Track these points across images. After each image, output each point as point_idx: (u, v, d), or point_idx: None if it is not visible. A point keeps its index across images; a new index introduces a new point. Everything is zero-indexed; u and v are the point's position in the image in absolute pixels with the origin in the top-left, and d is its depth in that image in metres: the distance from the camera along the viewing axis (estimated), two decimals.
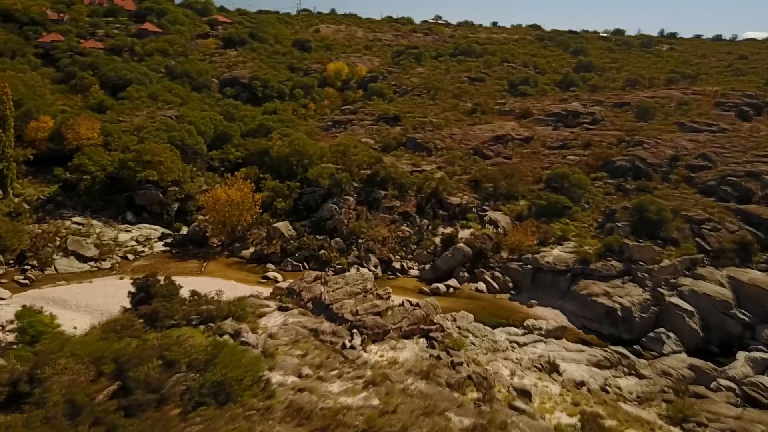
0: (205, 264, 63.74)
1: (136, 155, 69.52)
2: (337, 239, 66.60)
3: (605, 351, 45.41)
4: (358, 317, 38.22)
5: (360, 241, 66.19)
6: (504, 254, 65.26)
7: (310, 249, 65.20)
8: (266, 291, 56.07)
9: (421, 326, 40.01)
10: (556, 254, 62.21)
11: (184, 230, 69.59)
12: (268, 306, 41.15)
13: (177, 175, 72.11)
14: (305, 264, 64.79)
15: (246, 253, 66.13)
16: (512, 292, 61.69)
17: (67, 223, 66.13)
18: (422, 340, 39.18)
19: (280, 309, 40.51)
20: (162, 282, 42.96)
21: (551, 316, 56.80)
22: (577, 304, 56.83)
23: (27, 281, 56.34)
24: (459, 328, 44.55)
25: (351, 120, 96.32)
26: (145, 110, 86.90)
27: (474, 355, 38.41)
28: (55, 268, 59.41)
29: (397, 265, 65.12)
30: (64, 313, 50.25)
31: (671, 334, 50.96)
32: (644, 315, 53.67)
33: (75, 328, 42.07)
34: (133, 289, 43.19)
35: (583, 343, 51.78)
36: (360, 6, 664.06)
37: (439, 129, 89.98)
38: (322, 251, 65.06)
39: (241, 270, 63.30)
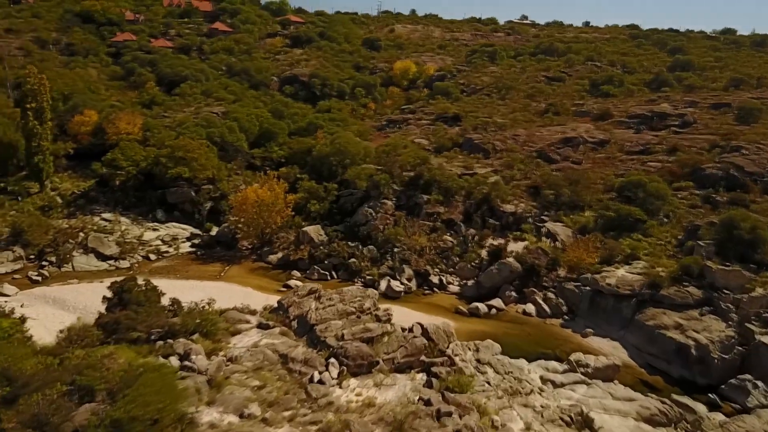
0: (227, 268, 59.31)
1: (169, 151, 66.44)
2: (371, 247, 60.14)
3: (663, 402, 35.88)
4: (341, 343, 31.57)
5: (395, 250, 59.35)
6: (560, 272, 56.26)
7: (340, 256, 59.17)
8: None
9: (422, 358, 32.69)
10: (620, 275, 52.45)
11: (215, 231, 65.58)
12: (248, 322, 35.35)
13: (212, 173, 68.46)
14: (333, 273, 58.87)
15: (273, 258, 61.12)
16: (566, 317, 52.62)
17: (96, 219, 63.96)
18: (420, 376, 31.95)
19: (260, 327, 34.64)
20: (141, 287, 38.33)
21: (608, 349, 47.40)
22: (641, 337, 47.08)
23: (39, 278, 54.09)
24: (479, 361, 36.68)
25: (407, 119, 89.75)
26: (195, 106, 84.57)
27: (482, 400, 30.57)
28: (72, 265, 56.97)
29: (435, 279, 57.67)
30: (58, 314, 47.16)
31: (760, 383, 40.35)
32: (726, 356, 43.19)
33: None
34: (109, 294, 39.00)
35: (645, 385, 42.41)
36: (446, 8, 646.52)
37: (502, 130, 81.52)
38: (353, 259, 58.85)
39: (263, 276, 58.31)
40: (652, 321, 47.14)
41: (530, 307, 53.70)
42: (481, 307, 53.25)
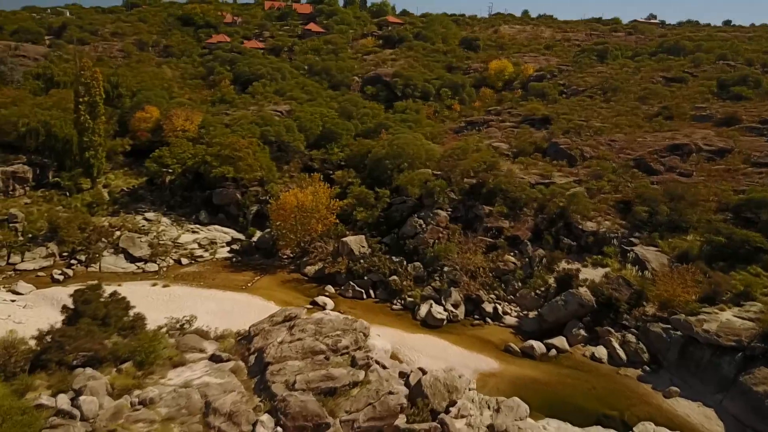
0: (257, 278, 53.67)
1: (216, 149, 62.35)
2: (416, 264, 51.87)
3: None
4: (286, 394, 23.87)
5: (444, 269, 50.60)
6: (646, 310, 44.73)
7: (381, 272, 51.47)
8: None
9: (397, 423, 24.19)
10: (725, 320, 40.19)
11: (257, 237, 60.37)
12: (201, 351, 28.71)
13: (261, 174, 63.48)
14: (371, 291, 51.32)
15: (310, 269, 54.71)
16: (646, 368, 41.23)
17: (138, 218, 61.13)
18: None
19: (213, 359, 27.86)
20: (105, 298, 33.10)
21: (697, 418, 35.92)
22: (745, 406, 35.16)
23: (61, 276, 51.36)
24: (492, 428, 27.36)
25: (489, 121, 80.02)
26: (260, 105, 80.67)
27: None
28: (99, 265, 53.94)
29: (488, 307, 48.23)
30: (54, 317, 43.73)
31: None
32: None
33: None
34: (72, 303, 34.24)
35: None
36: (568, 9, 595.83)
37: (597, 134, 69.63)
38: (394, 277, 50.94)
39: (294, 289, 51.99)
40: (763, 386, 34.94)
41: (601, 351, 42.88)
42: (538, 346, 43.21)
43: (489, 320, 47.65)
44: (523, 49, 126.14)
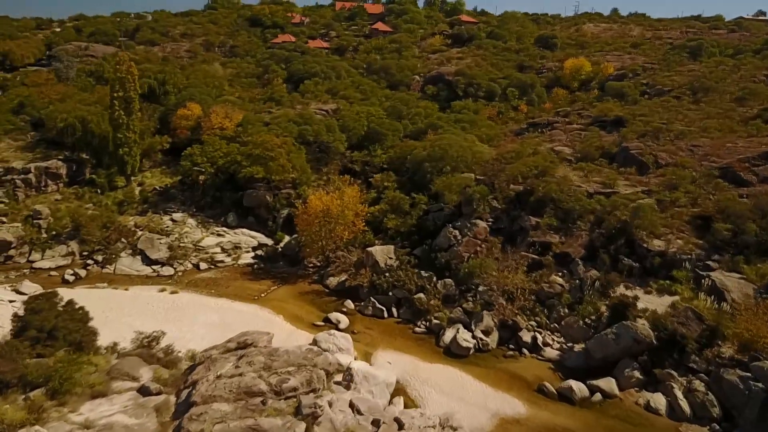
0: (273, 288, 49.15)
1: (248, 148, 58.70)
2: (447, 281, 45.46)
3: None
4: None
5: (479, 288, 43.90)
6: (722, 351, 36.21)
7: (406, 288, 45.41)
8: (301, 339, 39.22)
9: None
10: None
11: (285, 242, 56.01)
12: (134, 380, 24.03)
13: (295, 176, 59.20)
14: (393, 309, 45.42)
15: (332, 281, 49.55)
16: (716, 426, 32.84)
17: (165, 218, 58.41)
18: None
19: (141, 391, 23.11)
20: (58, 308, 29.32)
21: None
22: None
23: (72, 278, 49.04)
24: None
25: (554, 123, 71.81)
26: (310, 102, 76.71)
27: None
28: (115, 267, 51.33)
29: (527, 336, 41.04)
30: None
31: None
32: None
33: None
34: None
35: None
36: (668, 7, 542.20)
37: (679, 138, 60.18)
38: (421, 294, 44.75)
39: (310, 303, 46.96)
40: None
41: (659, 400, 34.89)
42: (579, 388, 35.75)
43: (525, 351, 40.44)
44: (606, 48, 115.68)
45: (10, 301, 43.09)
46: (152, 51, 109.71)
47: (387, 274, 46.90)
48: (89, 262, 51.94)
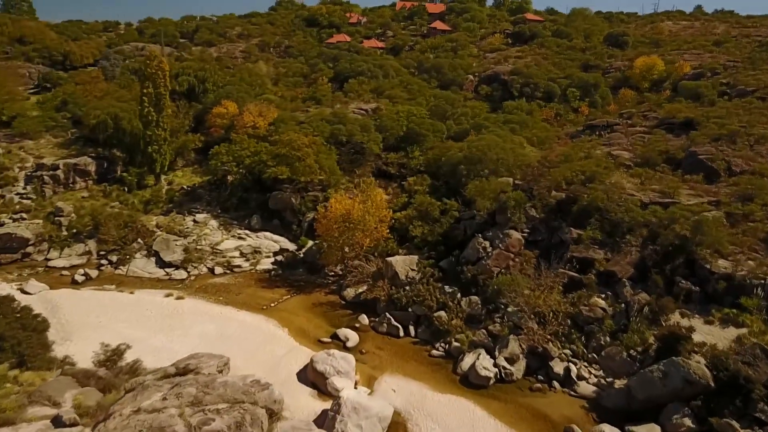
0: (286, 297, 45.52)
1: (274, 148, 55.62)
2: (473, 298, 40.36)
3: None
4: None
5: (508, 309, 38.55)
6: None
7: (426, 305, 40.59)
8: (301, 358, 35.44)
9: None
10: None
11: (307, 248, 52.42)
12: (56, 405, 20.69)
13: (323, 177, 55.60)
14: (411, 327, 40.66)
15: (349, 292, 45.37)
16: None
17: (188, 219, 56.12)
18: None
19: (56, 422, 19.69)
20: (10, 314, 26.59)
21: None
22: None
23: (83, 278, 47.23)
24: None
25: (614, 125, 64.68)
26: (350, 101, 73.04)
27: None
28: (128, 268, 49.26)
29: (558, 367, 35.36)
30: None
31: None
32: None
33: None
34: None
35: None
36: (754, 3, 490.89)
37: (759, 143, 52.29)
38: (442, 312, 39.84)
39: (322, 315, 42.98)
40: None
41: None
42: None
43: (556, 385, 34.75)
44: (684, 46, 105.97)
45: None
46: (207, 51, 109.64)
47: (407, 288, 42.24)
48: (103, 262, 50.15)
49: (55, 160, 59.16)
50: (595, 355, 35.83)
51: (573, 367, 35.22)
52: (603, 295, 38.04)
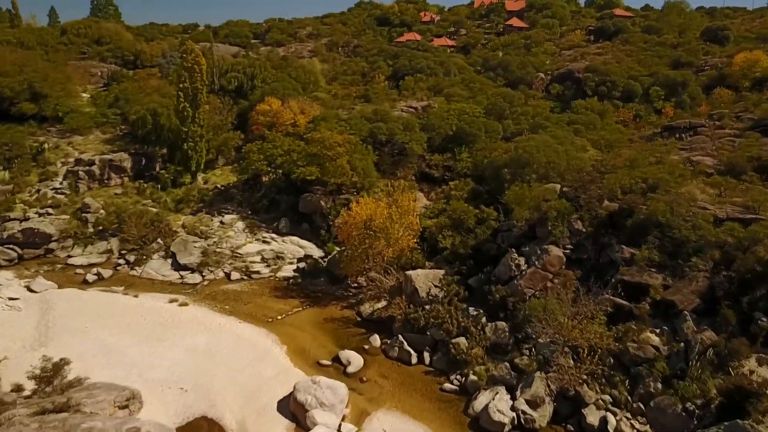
0: (297, 310, 41.29)
1: (308, 146, 51.80)
2: (500, 324, 34.33)
3: None
4: None
5: (539, 339, 32.26)
6: None
7: (445, 329, 34.98)
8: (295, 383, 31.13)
9: None
10: None
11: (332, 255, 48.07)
12: None
13: (357, 179, 51.15)
14: (427, 353, 35.19)
15: (366, 308, 40.47)
16: None
17: (215, 219, 53.40)
18: None
19: None
20: None
21: None
22: None
23: (95, 278, 45.29)
24: None
25: (698, 126, 55.69)
26: (400, 99, 68.12)
27: None
28: (142, 269, 46.88)
29: (593, 417, 28.77)
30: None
31: None
32: None
33: None
34: None
35: None
36: None
37: None
38: (461, 339, 34.13)
39: (331, 332, 38.36)
40: None
41: None
42: None
43: None
44: None
45: (11, 299, 39.80)
46: (275, 51, 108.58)
47: (426, 308, 36.76)
48: (120, 262, 48.07)
49: (93, 155, 58.23)
50: (641, 405, 28.86)
51: (612, 418, 28.50)
52: (657, 331, 30.91)
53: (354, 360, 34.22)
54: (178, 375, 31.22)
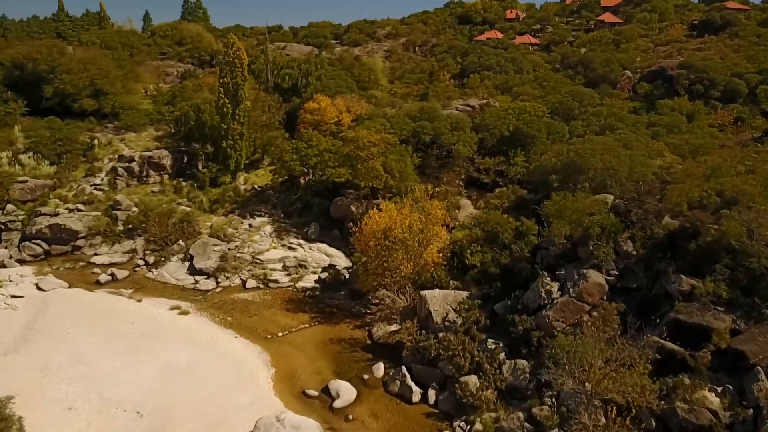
0: (304, 326, 37.08)
1: (338, 147, 47.71)
2: (521, 362, 28.24)
3: None
4: None
5: (564, 388, 25.85)
6: None
7: (455, 363, 29.28)
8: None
9: None
10: None
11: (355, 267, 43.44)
12: None
13: (393, 183, 46.34)
14: (433, 391, 29.64)
15: (378, 330, 35.53)
16: None
17: (245, 222, 50.41)
18: None
19: None
20: None
21: None
22: None
23: (109, 278, 43.43)
24: None
25: None
26: (461, 97, 62.23)
27: None
28: (159, 271, 44.55)
29: None
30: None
31: None
32: None
33: None
34: None
35: None
36: None
37: None
38: (473, 377, 28.35)
39: (333, 357, 33.77)
40: None
41: None
42: None
43: None
44: None
45: (13, 297, 38.37)
46: (349, 51, 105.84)
47: (441, 335, 31.19)
48: (140, 262, 46.01)
49: (134, 152, 57.17)
50: None
51: None
52: (718, 389, 23.67)
53: (345, 392, 29.31)
54: (140, 396, 27.80)
